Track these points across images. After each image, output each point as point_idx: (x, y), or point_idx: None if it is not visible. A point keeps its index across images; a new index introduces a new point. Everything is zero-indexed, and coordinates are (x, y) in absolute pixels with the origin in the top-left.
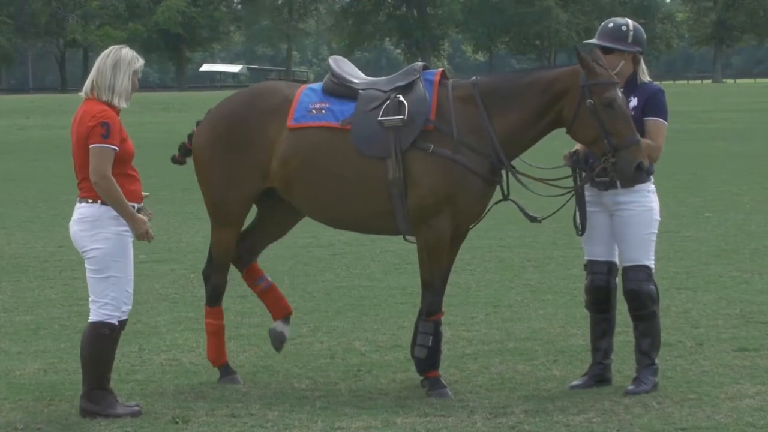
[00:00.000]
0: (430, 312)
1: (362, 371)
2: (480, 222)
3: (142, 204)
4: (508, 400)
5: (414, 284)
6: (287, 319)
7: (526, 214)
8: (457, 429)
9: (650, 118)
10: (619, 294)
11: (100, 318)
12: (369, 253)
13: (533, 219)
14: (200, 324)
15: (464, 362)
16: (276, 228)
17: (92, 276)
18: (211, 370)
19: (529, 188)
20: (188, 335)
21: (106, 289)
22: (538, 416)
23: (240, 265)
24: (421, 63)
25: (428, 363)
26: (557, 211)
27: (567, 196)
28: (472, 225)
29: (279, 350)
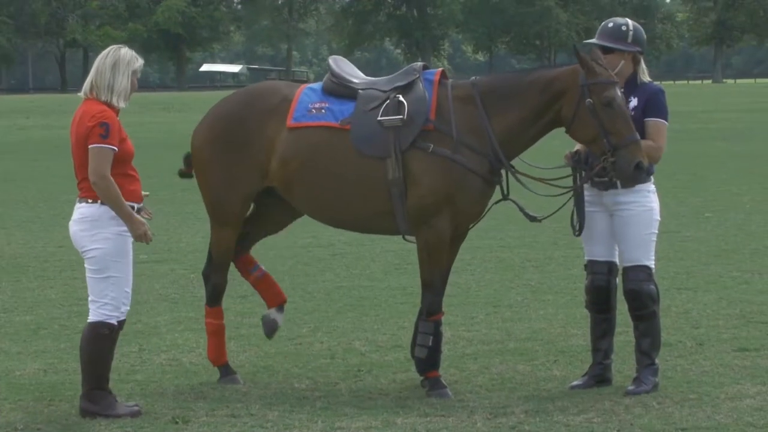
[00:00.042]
0: (430, 312)
1: (362, 371)
2: (480, 222)
3: (142, 204)
4: (509, 401)
5: (414, 284)
6: (281, 307)
7: (526, 214)
8: (458, 429)
9: (651, 119)
10: (620, 294)
11: (100, 318)
12: (369, 253)
13: (533, 219)
14: (200, 324)
15: (464, 362)
16: (271, 225)
17: (92, 276)
18: (211, 370)
19: (529, 188)
20: (188, 335)
21: (106, 289)
22: (539, 416)
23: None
24: (421, 63)
25: (428, 363)
26: (557, 211)
27: (567, 196)
28: (472, 225)
29: (270, 337)
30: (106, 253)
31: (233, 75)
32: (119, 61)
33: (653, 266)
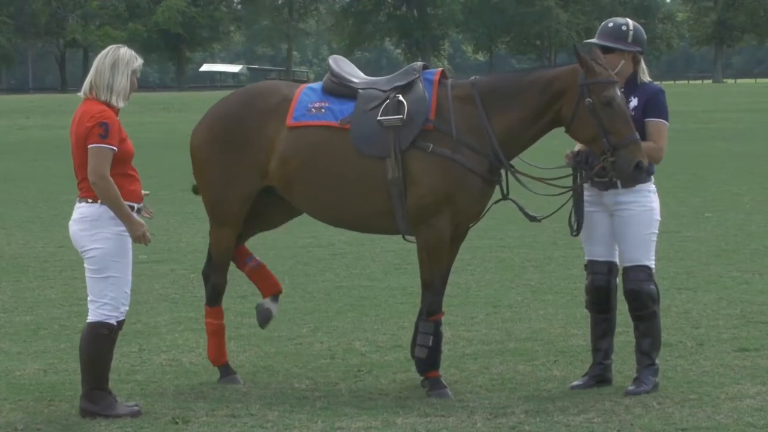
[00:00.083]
0: (431, 312)
1: (362, 371)
2: (480, 222)
3: (142, 204)
4: (509, 401)
5: (414, 284)
6: (276, 297)
7: (526, 214)
8: (458, 429)
9: (651, 119)
10: (620, 294)
11: (99, 318)
12: (369, 253)
13: (533, 218)
14: (200, 324)
15: (464, 362)
16: (266, 223)
17: (91, 276)
18: (211, 371)
19: (528, 188)
20: (188, 335)
21: (105, 289)
22: (539, 416)
23: None
24: (421, 62)
25: (428, 363)
26: (557, 211)
27: (567, 196)
28: (472, 224)
29: (264, 327)
30: (106, 253)
31: (233, 75)
32: (118, 61)
33: (653, 266)
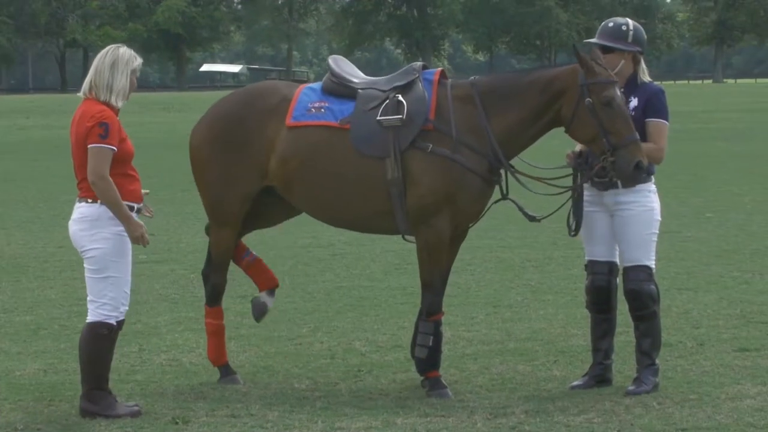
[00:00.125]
0: (430, 312)
1: (362, 371)
2: (480, 222)
3: (142, 204)
4: (509, 401)
5: (414, 284)
6: (272, 292)
7: (525, 214)
8: (458, 429)
9: (651, 120)
10: (620, 294)
11: (98, 318)
12: (369, 254)
13: (532, 218)
14: (200, 324)
15: (464, 362)
16: (266, 221)
17: (91, 276)
18: (211, 371)
19: (528, 188)
20: (188, 335)
21: (105, 289)
22: (539, 417)
23: None
24: (420, 62)
25: (428, 363)
26: (556, 211)
27: (567, 196)
28: (472, 224)
29: (259, 320)
30: (106, 253)
31: (233, 75)
32: (118, 61)
33: (654, 266)
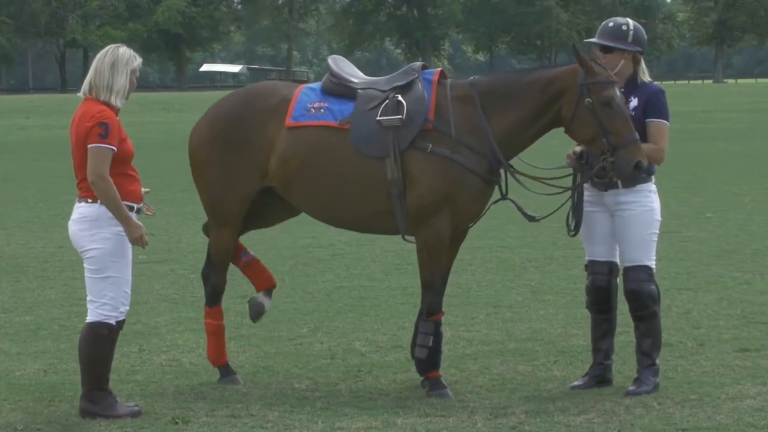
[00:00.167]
0: (431, 312)
1: (362, 372)
2: (480, 222)
3: (142, 204)
4: (509, 401)
5: (414, 284)
6: (269, 292)
7: (525, 214)
8: (458, 429)
9: (652, 120)
10: (620, 294)
11: (98, 318)
12: (369, 254)
13: (531, 218)
14: (200, 324)
15: (465, 363)
16: (265, 221)
17: (90, 276)
18: (212, 371)
19: (527, 188)
20: (188, 336)
21: (105, 289)
22: (539, 417)
23: None
24: (420, 62)
25: (428, 363)
26: (556, 211)
27: (566, 196)
28: (471, 224)
29: (256, 321)
30: (105, 253)
31: (233, 75)
32: (118, 61)
33: (654, 266)
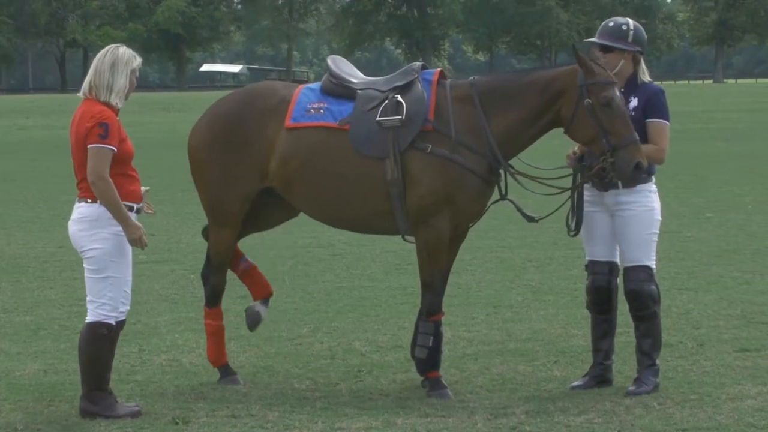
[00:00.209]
0: (431, 312)
1: (363, 372)
2: (480, 222)
3: (142, 204)
4: (509, 401)
5: (414, 285)
6: (266, 301)
7: (524, 214)
8: (458, 430)
9: (652, 120)
10: (621, 294)
11: (98, 318)
12: (369, 254)
13: (530, 219)
14: (200, 325)
15: (465, 363)
16: (264, 223)
17: (90, 276)
18: (212, 371)
19: (527, 188)
20: (188, 336)
21: (104, 289)
22: (539, 417)
23: None
24: (420, 62)
25: (429, 363)
26: (555, 211)
27: (565, 196)
28: (471, 224)
29: (253, 330)
30: (105, 253)
31: (233, 75)
32: (118, 61)
33: (654, 266)
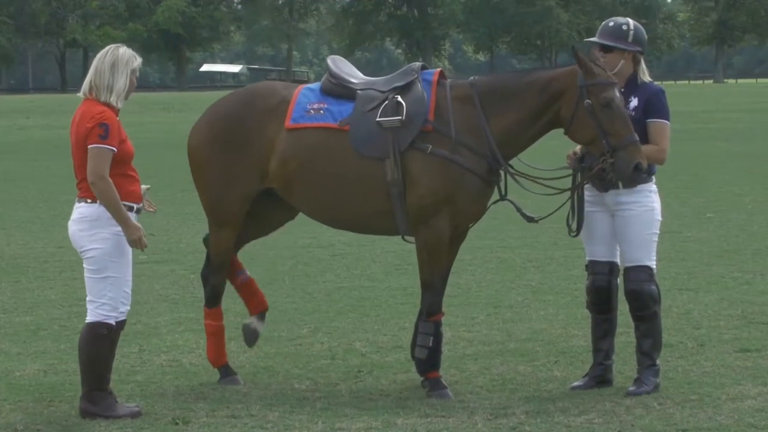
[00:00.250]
0: (430, 312)
1: (363, 372)
2: (480, 222)
3: (141, 204)
4: (509, 401)
5: (415, 285)
6: (262, 315)
7: (523, 214)
8: (458, 430)
9: (653, 120)
10: (621, 294)
11: (98, 318)
12: (369, 254)
13: (530, 219)
14: (200, 325)
15: (465, 363)
16: (266, 226)
17: (90, 276)
18: (212, 371)
19: (527, 188)
20: (188, 336)
21: (104, 290)
22: (539, 417)
23: None
24: (419, 63)
25: (429, 364)
26: (555, 212)
27: (565, 197)
28: (471, 225)
29: (251, 346)
30: (105, 253)
31: (233, 75)
32: (118, 61)
33: (654, 266)
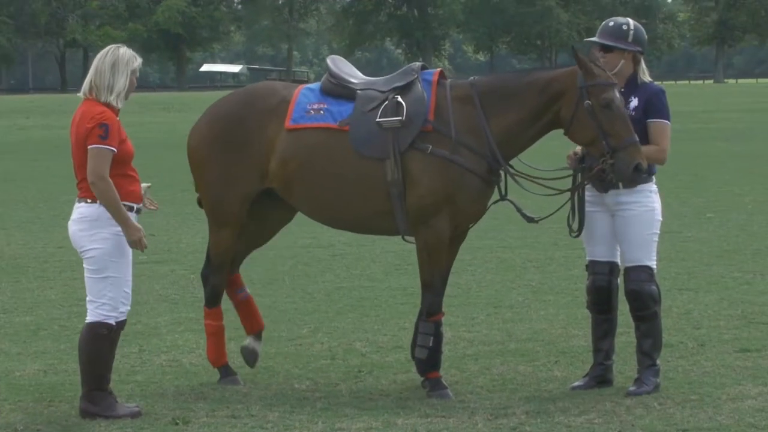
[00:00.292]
0: (431, 312)
1: (363, 372)
2: (480, 222)
3: (142, 204)
4: (510, 401)
5: (415, 285)
6: (259, 335)
7: (523, 215)
8: (458, 430)
9: (653, 120)
10: (621, 294)
11: (97, 318)
12: (369, 254)
13: (530, 219)
14: (200, 325)
15: (465, 363)
16: (262, 233)
17: (90, 276)
18: (212, 371)
19: (527, 188)
20: (188, 336)
21: (104, 290)
22: (540, 417)
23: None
24: (419, 63)
25: (429, 364)
26: (555, 212)
27: (566, 197)
28: (471, 225)
29: (253, 367)
30: (105, 253)
31: (233, 75)
32: (118, 61)
33: (655, 266)
